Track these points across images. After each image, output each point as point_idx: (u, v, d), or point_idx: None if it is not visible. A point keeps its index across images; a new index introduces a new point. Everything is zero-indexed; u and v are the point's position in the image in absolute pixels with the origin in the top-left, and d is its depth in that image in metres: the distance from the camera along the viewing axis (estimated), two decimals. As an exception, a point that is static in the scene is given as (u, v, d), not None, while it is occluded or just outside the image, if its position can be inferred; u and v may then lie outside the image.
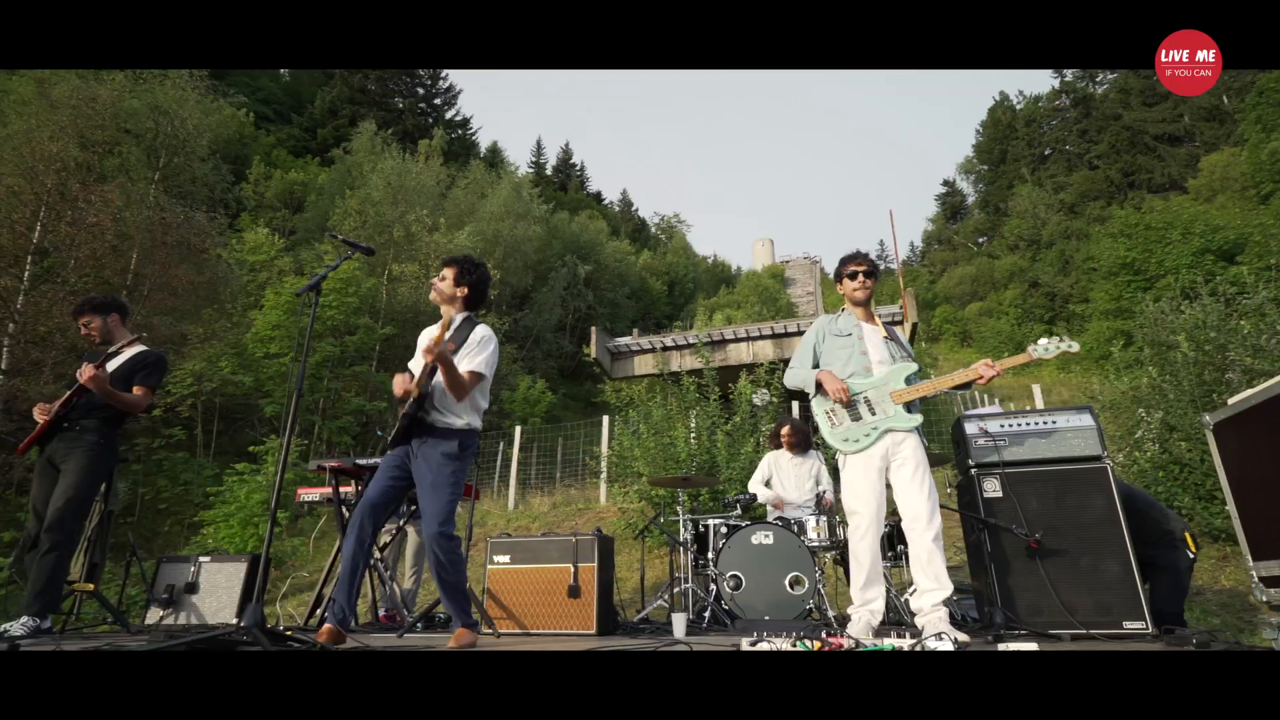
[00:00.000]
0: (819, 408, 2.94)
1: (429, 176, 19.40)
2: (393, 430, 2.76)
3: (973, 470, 3.09)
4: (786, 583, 3.54)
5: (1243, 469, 2.21)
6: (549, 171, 47.40)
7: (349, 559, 2.61)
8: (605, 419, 12.38)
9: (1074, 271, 30.46)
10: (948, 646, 1.87)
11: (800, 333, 14.07)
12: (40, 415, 3.26)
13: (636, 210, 54.86)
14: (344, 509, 4.10)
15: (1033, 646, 2.03)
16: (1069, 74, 38.75)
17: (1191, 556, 3.16)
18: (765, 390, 8.48)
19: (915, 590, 2.67)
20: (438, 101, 37.80)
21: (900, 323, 13.70)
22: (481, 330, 2.92)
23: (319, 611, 4.09)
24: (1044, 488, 3.01)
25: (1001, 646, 2.09)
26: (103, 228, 10.42)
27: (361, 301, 14.84)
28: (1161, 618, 2.89)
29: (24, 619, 2.92)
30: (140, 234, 11.33)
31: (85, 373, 3.10)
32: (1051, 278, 31.08)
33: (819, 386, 2.91)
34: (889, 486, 2.83)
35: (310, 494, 4.45)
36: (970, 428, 3.16)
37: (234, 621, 3.68)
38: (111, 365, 3.34)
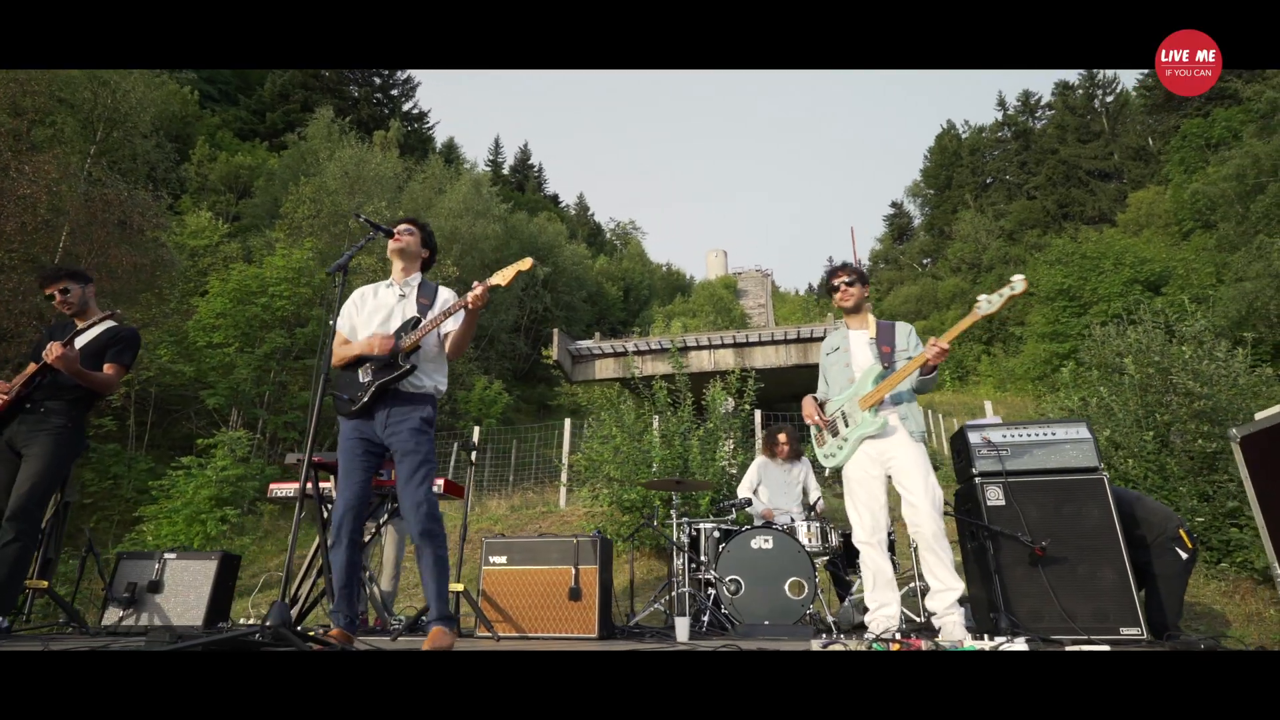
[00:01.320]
0: (812, 430, 3.00)
1: (388, 168, 18.87)
2: (359, 395, 2.56)
3: (976, 479, 3.17)
4: (786, 588, 3.55)
5: (1269, 482, 2.33)
6: (506, 171, 46.85)
7: (343, 569, 2.46)
8: (567, 422, 12.25)
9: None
10: (1021, 647, 1.89)
11: (761, 343, 14.27)
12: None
13: (593, 215, 54.77)
14: (324, 506, 3.90)
15: (1105, 648, 2.06)
16: (1010, 108, 40.75)
17: (1186, 555, 3.26)
18: (730, 399, 8.54)
19: (928, 592, 2.69)
20: (395, 93, 36.94)
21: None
22: (449, 291, 2.85)
23: (294, 610, 3.88)
24: (1043, 497, 3.11)
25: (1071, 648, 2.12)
26: (35, 200, 9.72)
27: (314, 293, 14.29)
28: (1157, 627, 3.00)
29: None
30: (78, 209, 10.61)
31: (53, 351, 2.85)
32: (990, 300, 32.46)
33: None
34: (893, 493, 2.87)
35: (284, 489, 4.22)
36: (974, 437, 3.25)
37: (234, 623, 3.45)
38: (80, 341, 3.06)
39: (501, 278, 2.53)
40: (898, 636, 2.15)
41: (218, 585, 3.66)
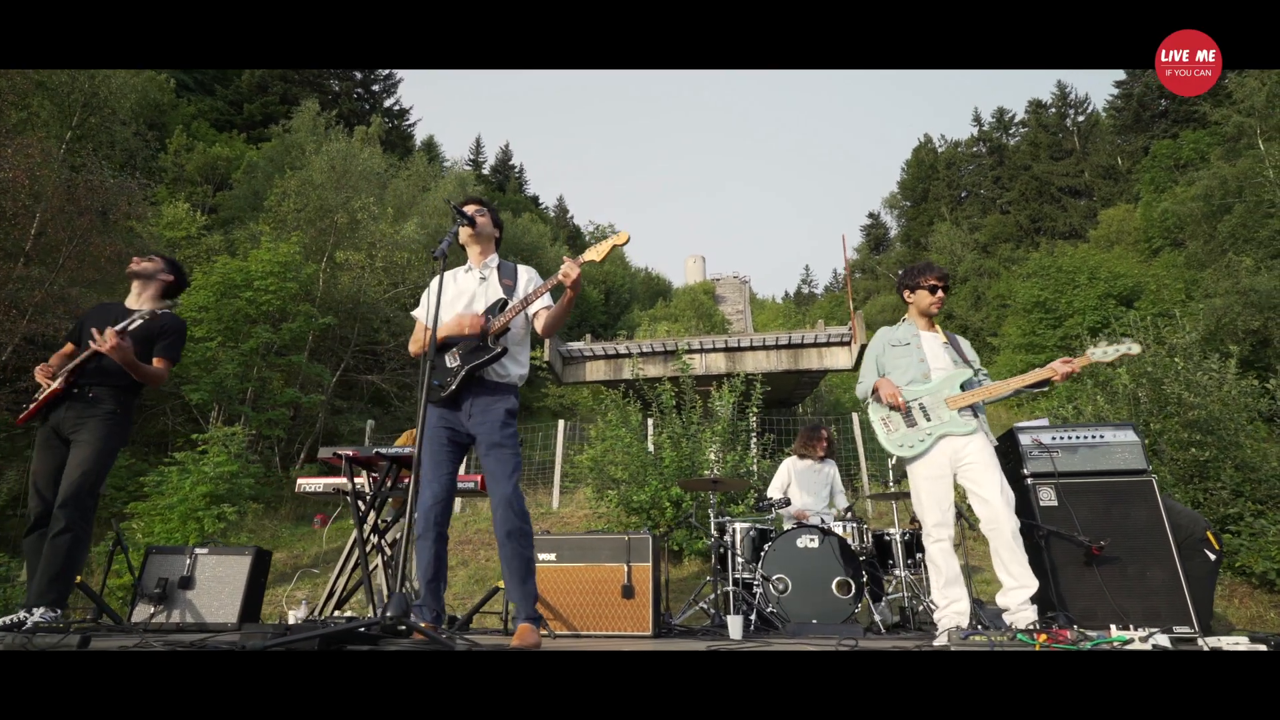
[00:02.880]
0: (875, 415, 3.02)
1: (376, 164, 18.61)
2: (449, 380, 2.49)
3: (1028, 480, 3.23)
4: (834, 587, 3.57)
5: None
6: (486, 171, 46.52)
7: (431, 563, 2.40)
8: (561, 424, 12.19)
9: (985, 307, 32.67)
10: (1164, 644, 1.92)
11: (753, 348, 14.35)
12: (43, 378, 2.85)
13: (572, 217, 54.65)
14: (359, 502, 3.82)
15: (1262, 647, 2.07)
16: (985, 124, 41.73)
17: (1214, 557, 3.36)
18: (725, 402, 8.57)
19: (1001, 589, 2.72)
20: (376, 88, 36.44)
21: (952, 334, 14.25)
22: (529, 270, 2.81)
23: (330, 606, 3.79)
24: (1093, 498, 3.18)
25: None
26: (17, 184, 9.37)
27: (301, 287, 14.00)
28: None
29: (40, 610, 2.53)
30: (59, 195, 10.24)
31: (108, 340, 2.75)
32: (965, 311, 33.19)
33: (875, 392, 2.99)
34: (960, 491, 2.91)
35: (311, 484, 4.11)
36: (1024, 439, 3.30)
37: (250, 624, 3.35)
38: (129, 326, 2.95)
39: (596, 253, 2.51)
40: (1037, 628, 2.17)
41: (251, 582, 3.55)
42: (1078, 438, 3.28)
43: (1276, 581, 5.80)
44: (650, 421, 8.48)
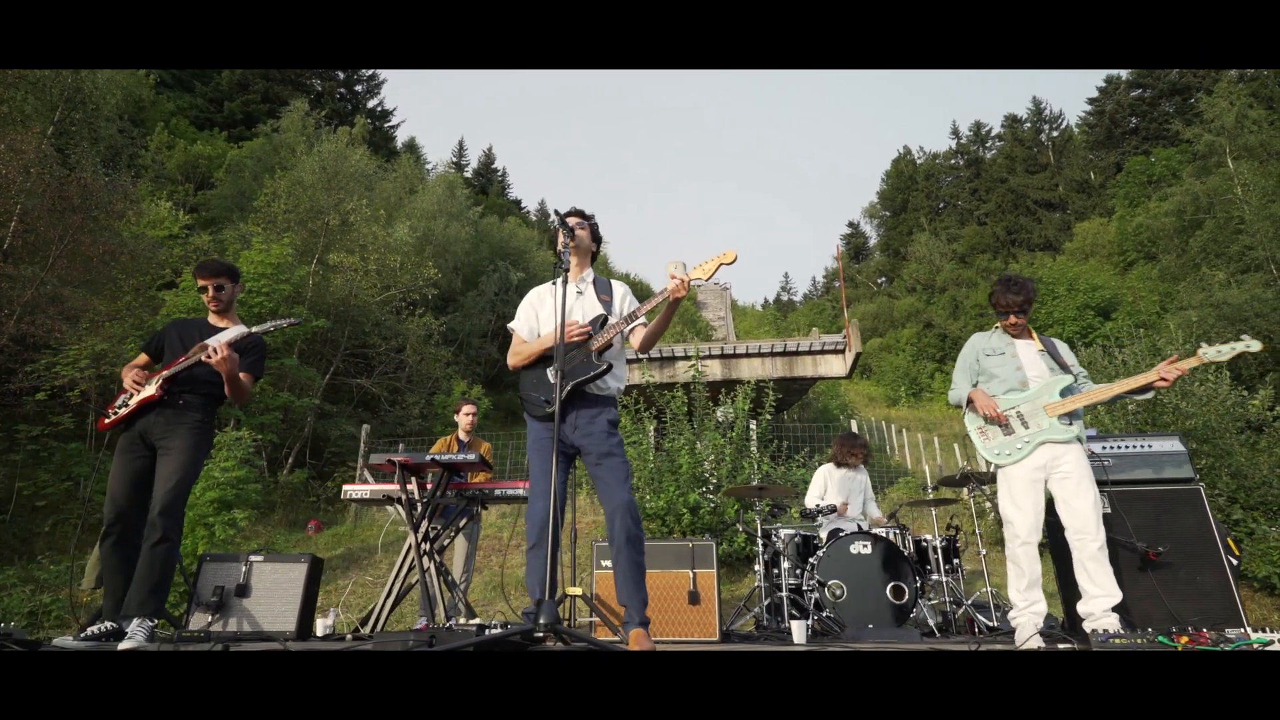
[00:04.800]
0: (971, 425, 3.08)
1: (368, 165, 18.44)
2: (554, 395, 2.52)
3: (1081, 487, 3.33)
4: (888, 591, 3.64)
5: None
6: (469, 174, 46.24)
7: (544, 567, 2.42)
8: (561, 429, 12.16)
9: (963, 316, 33.35)
10: None
11: (748, 355, 14.47)
12: (135, 385, 2.85)
13: (553, 222, 54.48)
14: (412, 509, 3.80)
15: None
16: (963, 137, 42.67)
17: (1235, 562, 3.51)
18: (730, 408, 8.66)
19: (1084, 597, 2.81)
20: (359, 89, 36.05)
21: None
22: (623, 286, 2.85)
23: (375, 617, 3.76)
24: (1143, 505, 3.30)
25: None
26: (10, 180, 9.12)
27: (294, 289, 13.81)
28: None
29: (138, 620, 2.49)
30: (50, 193, 9.99)
31: (220, 352, 2.77)
32: (944, 320, 33.85)
33: (970, 403, 3.06)
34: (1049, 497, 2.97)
35: (357, 490, 4.08)
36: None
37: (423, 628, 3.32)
38: (213, 341, 2.95)
39: (702, 271, 2.52)
40: (1174, 631, 2.25)
41: (307, 589, 3.51)
42: (1127, 447, 3.41)
43: (1278, 586, 6.03)
44: (651, 428, 8.54)
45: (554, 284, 2.84)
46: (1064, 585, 3.16)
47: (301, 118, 21.02)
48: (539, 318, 2.79)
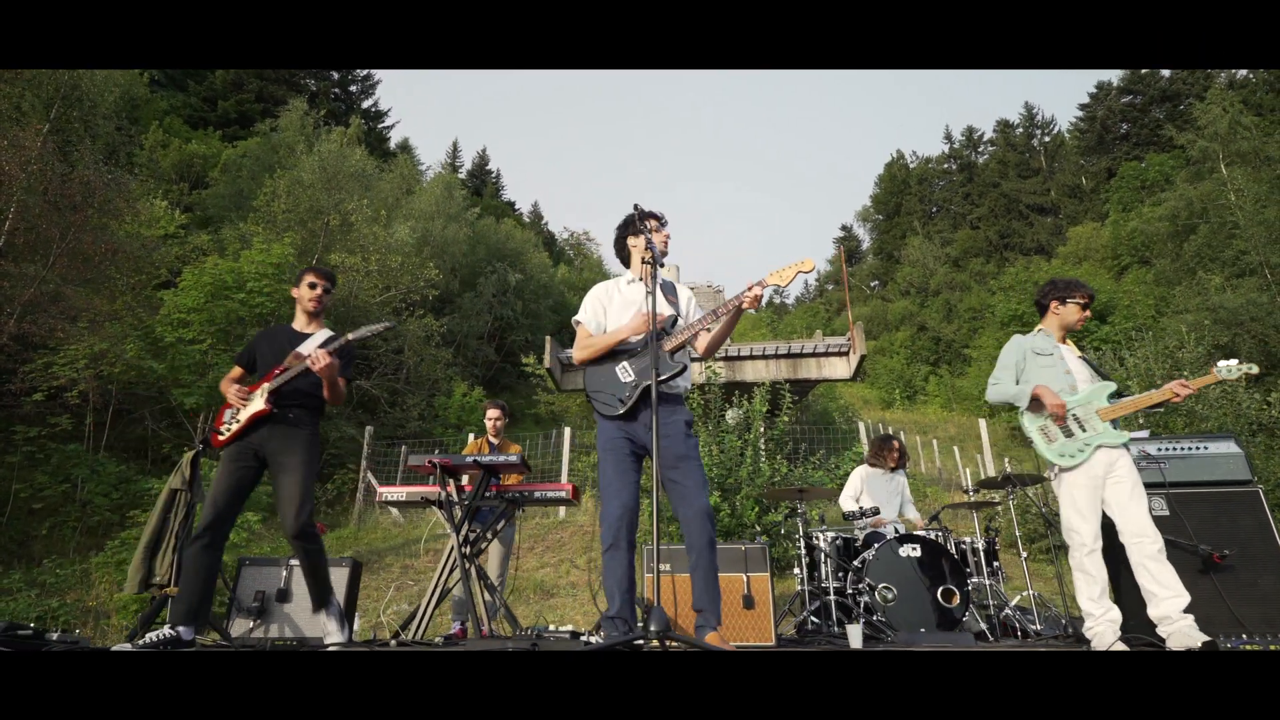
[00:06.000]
0: (1032, 424, 3.05)
1: (368, 165, 18.30)
2: (626, 395, 2.50)
3: (1138, 489, 3.31)
4: (939, 595, 3.61)
5: None
6: (463, 175, 46.05)
7: (626, 574, 2.38)
8: (568, 430, 12.13)
9: (957, 319, 33.57)
10: None
11: (752, 357, 14.45)
12: (240, 399, 2.89)
13: (546, 224, 54.43)
14: (454, 511, 3.73)
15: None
16: (956, 141, 43.00)
17: None
18: (737, 410, 8.64)
19: (1151, 601, 2.78)
20: (354, 89, 35.83)
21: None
22: (687, 290, 2.87)
23: (414, 624, 3.68)
24: (1201, 508, 3.28)
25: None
26: (13, 177, 8.95)
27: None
28: None
29: (325, 612, 2.82)
30: (52, 189, 9.81)
31: (320, 359, 2.80)
32: (937, 323, 34.05)
33: (1034, 402, 3.03)
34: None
35: (393, 492, 3.99)
36: (1132, 450, 3.39)
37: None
38: (308, 348, 3.01)
39: (779, 277, 2.48)
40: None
41: (349, 594, 3.44)
42: (1183, 449, 3.39)
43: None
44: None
45: (623, 281, 2.81)
46: (1121, 592, 3.14)
47: (300, 117, 20.82)
48: (607, 313, 2.77)
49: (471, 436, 13.25)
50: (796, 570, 4.15)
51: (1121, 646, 2.68)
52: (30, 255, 9.98)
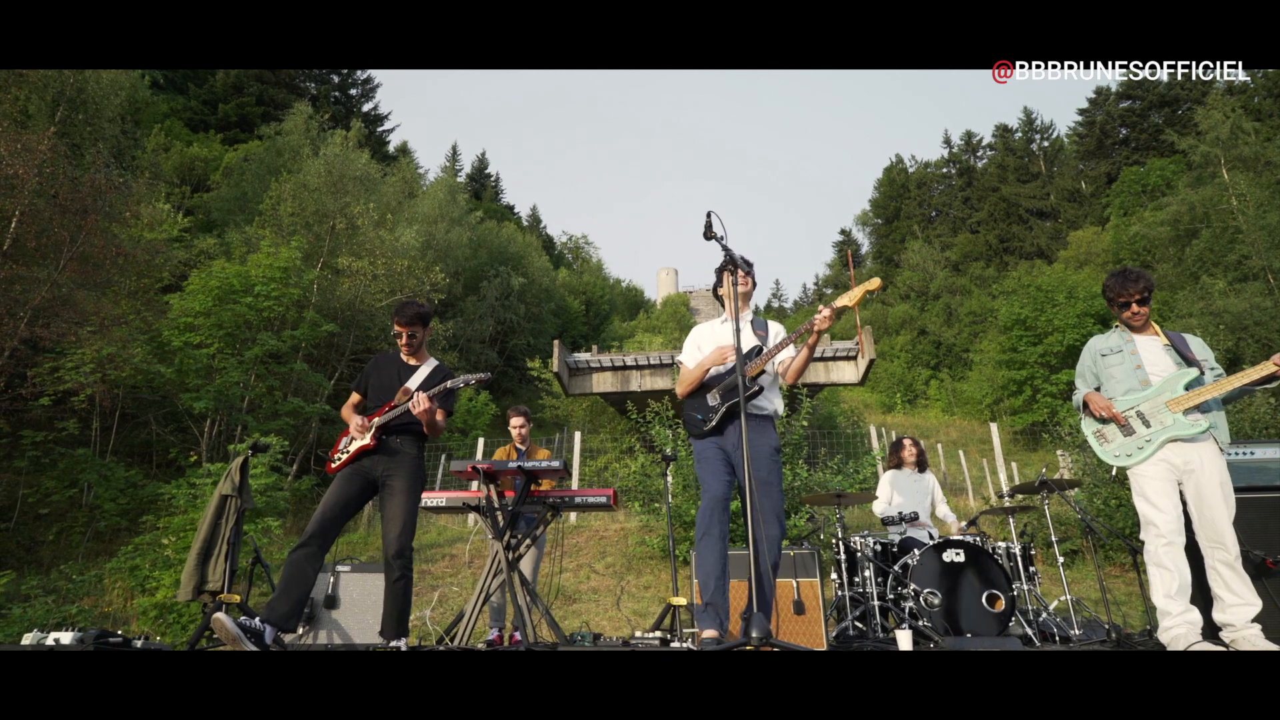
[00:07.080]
0: (1088, 429, 3.03)
1: (372, 168, 18.28)
2: (710, 415, 2.68)
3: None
4: (984, 600, 3.60)
5: None
6: (462, 179, 46.06)
7: (718, 560, 2.45)
8: (578, 435, 12.10)
9: (957, 323, 33.66)
10: None
11: (760, 361, 14.47)
12: (360, 430, 3.08)
13: (545, 227, 54.49)
14: (497, 514, 3.71)
15: None
16: (955, 146, 43.18)
17: None
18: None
19: (1218, 604, 2.75)
20: (354, 92, 35.79)
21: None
22: (778, 325, 2.95)
23: (460, 628, 3.66)
24: (1251, 513, 3.27)
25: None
26: (23, 182, 8.91)
27: (303, 293, 13.61)
28: None
29: (402, 639, 2.85)
30: (63, 192, 9.77)
31: (420, 404, 2.97)
32: (938, 327, 34.14)
33: (1086, 407, 3.02)
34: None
35: (434, 498, 3.97)
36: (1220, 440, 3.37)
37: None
38: (413, 383, 3.15)
39: (849, 298, 2.54)
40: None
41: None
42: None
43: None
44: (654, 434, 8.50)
45: (717, 322, 3.00)
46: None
47: (305, 120, 20.79)
48: (702, 350, 2.99)
49: (481, 441, 13.19)
50: (833, 576, 4.14)
51: (1207, 647, 2.62)
52: (40, 259, 9.92)
